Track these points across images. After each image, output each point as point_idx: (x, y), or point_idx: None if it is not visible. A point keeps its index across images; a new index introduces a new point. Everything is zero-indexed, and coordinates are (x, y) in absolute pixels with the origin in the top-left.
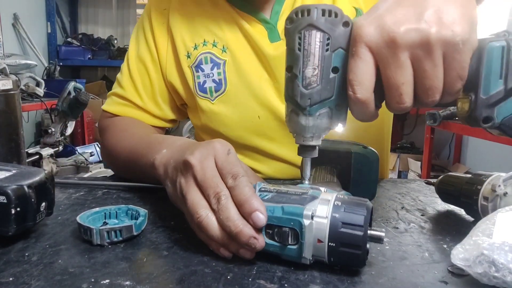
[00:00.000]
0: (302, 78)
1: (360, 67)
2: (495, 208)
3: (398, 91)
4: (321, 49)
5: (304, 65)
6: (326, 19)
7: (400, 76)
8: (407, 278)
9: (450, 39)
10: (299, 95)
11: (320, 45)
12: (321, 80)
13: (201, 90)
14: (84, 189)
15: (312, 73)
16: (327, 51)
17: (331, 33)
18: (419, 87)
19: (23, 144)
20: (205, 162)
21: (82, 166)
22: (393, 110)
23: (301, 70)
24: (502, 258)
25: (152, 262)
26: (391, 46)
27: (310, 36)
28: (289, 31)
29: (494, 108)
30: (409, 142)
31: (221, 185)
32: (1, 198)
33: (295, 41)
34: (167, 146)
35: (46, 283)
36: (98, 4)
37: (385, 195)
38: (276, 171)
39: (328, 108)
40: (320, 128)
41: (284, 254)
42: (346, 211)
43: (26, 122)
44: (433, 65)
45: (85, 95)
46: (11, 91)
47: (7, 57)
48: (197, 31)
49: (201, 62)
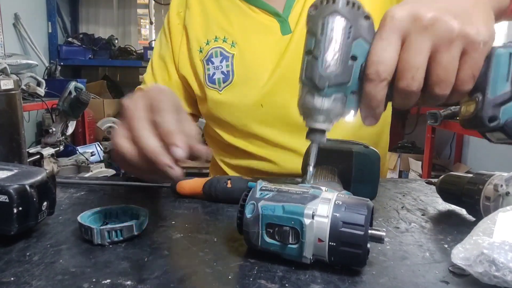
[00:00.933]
0: (322, 61)
1: (386, 48)
2: (497, 208)
3: (411, 74)
4: (343, 35)
5: (325, 49)
6: (350, 9)
7: (416, 61)
8: (408, 278)
9: (474, 37)
10: (318, 76)
11: (343, 32)
12: (340, 65)
13: (210, 81)
14: (85, 188)
15: (332, 57)
16: (348, 38)
17: (354, 23)
18: (432, 77)
19: (24, 143)
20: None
21: (83, 166)
22: (397, 94)
23: (322, 54)
24: (502, 257)
25: (153, 262)
26: (419, 30)
27: (333, 22)
28: (314, 17)
29: (500, 108)
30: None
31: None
32: (3, 197)
33: (319, 26)
34: None
35: (47, 282)
36: (99, 3)
37: (386, 195)
38: (277, 157)
39: (343, 93)
40: (333, 113)
41: (284, 253)
42: (347, 210)
43: (27, 122)
44: (451, 57)
45: (86, 94)
46: (12, 91)
47: (8, 57)
48: (210, 28)
49: (211, 56)
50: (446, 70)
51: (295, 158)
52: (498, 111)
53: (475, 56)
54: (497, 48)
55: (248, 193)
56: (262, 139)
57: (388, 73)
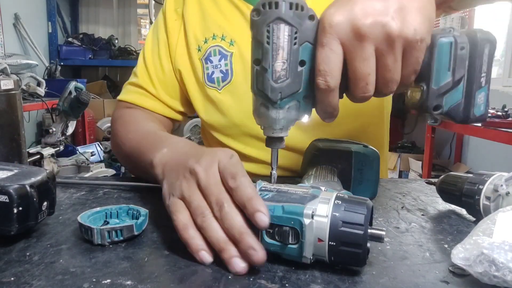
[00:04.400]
0: (272, 72)
1: (330, 56)
2: (497, 208)
3: (364, 81)
4: (289, 42)
5: (274, 59)
6: (294, 13)
7: (367, 67)
8: (408, 278)
9: (411, 37)
10: (269, 89)
11: (289, 39)
12: (290, 73)
13: (210, 80)
14: (85, 188)
15: (281, 67)
16: (295, 44)
17: (299, 27)
18: (380, 79)
19: (24, 144)
20: (210, 170)
21: (83, 166)
22: (356, 100)
23: (271, 64)
24: (502, 257)
25: (153, 261)
26: (360, 38)
27: (278, 30)
28: (257, 23)
29: (443, 97)
30: (410, 141)
31: (223, 193)
32: (3, 197)
33: (264, 34)
34: (169, 146)
35: (47, 282)
36: (99, 3)
37: (385, 195)
38: None
39: (296, 100)
40: (289, 120)
41: (284, 253)
42: (347, 210)
43: (27, 122)
44: (394, 59)
45: (86, 94)
46: (12, 91)
47: (8, 57)
48: (208, 26)
49: (210, 55)
50: (391, 72)
51: (294, 159)
52: (441, 100)
53: (415, 54)
54: (439, 38)
55: None
56: (260, 139)
57: (336, 81)
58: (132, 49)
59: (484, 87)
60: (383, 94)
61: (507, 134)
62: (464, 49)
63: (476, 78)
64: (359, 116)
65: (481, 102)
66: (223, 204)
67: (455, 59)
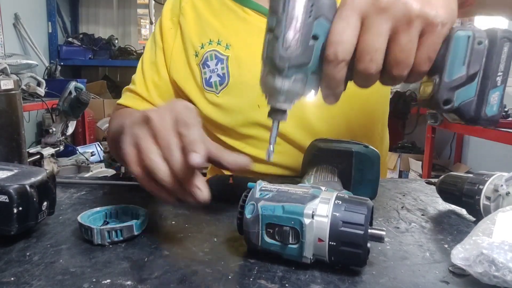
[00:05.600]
0: (283, 41)
1: (345, 29)
2: (497, 208)
3: (369, 56)
4: (304, 14)
5: (286, 29)
6: None
7: (376, 42)
8: (408, 278)
9: (432, 19)
10: (278, 56)
11: (304, 10)
12: (301, 45)
13: (207, 85)
14: (85, 188)
15: (293, 37)
16: (309, 17)
17: (315, 1)
18: (391, 58)
19: (24, 144)
20: (163, 116)
21: (83, 166)
22: (357, 77)
23: (283, 33)
24: (502, 257)
25: (153, 262)
26: (378, 11)
27: (295, 1)
28: None
29: (454, 92)
30: (410, 141)
31: (173, 138)
32: (3, 197)
33: (280, 4)
34: None
35: (47, 282)
36: (99, 4)
37: (386, 195)
38: (275, 158)
39: (303, 74)
40: (293, 93)
41: (284, 253)
42: (347, 210)
43: (27, 122)
44: (409, 39)
45: (86, 94)
46: (12, 91)
47: (8, 57)
48: (204, 32)
49: (207, 59)
50: (404, 52)
51: (295, 156)
52: (452, 94)
53: (432, 38)
54: (457, 30)
55: (248, 193)
56: (260, 139)
57: (346, 54)
58: (132, 49)
59: (500, 87)
60: (393, 78)
61: (507, 134)
62: (481, 44)
63: (491, 76)
64: (360, 115)
65: (494, 102)
66: (171, 147)
67: (471, 53)
